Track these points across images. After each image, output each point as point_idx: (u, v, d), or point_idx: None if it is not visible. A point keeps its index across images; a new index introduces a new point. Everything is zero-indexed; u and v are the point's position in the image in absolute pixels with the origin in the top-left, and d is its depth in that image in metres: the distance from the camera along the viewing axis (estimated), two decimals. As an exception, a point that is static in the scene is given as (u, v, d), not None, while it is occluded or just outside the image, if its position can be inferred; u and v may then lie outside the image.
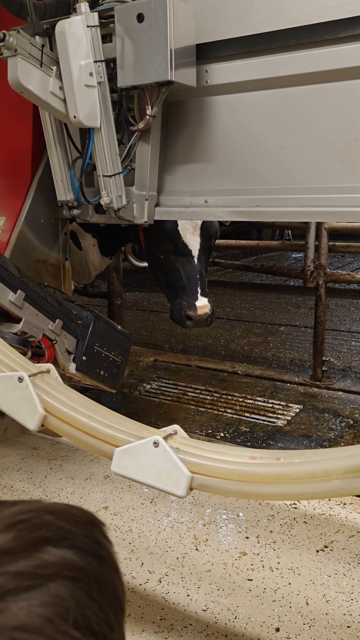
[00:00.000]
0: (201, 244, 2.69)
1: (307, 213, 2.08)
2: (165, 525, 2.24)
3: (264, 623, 1.73)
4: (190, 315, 2.63)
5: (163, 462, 1.21)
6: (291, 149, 2.05)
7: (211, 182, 2.26)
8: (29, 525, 0.50)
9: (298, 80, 1.97)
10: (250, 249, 7.47)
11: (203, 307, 2.62)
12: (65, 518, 0.52)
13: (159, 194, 2.37)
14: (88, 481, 2.57)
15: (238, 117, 2.14)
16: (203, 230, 2.69)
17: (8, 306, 1.88)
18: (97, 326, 2.25)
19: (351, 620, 1.73)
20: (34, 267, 2.54)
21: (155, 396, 3.55)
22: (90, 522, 0.55)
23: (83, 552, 0.50)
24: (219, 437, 2.95)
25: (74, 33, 1.99)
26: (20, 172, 2.54)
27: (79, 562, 0.49)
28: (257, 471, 1.14)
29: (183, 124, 2.27)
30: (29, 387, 1.38)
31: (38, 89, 1.98)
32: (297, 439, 2.93)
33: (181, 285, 2.69)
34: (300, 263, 7.14)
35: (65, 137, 2.32)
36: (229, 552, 2.07)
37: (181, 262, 2.67)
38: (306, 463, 1.10)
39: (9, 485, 2.54)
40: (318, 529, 2.20)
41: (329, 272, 3.68)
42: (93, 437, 1.32)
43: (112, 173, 2.17)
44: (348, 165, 1.95)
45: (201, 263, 2.69)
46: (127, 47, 1.99)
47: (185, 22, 1.96)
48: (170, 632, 1.71)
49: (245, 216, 2.20)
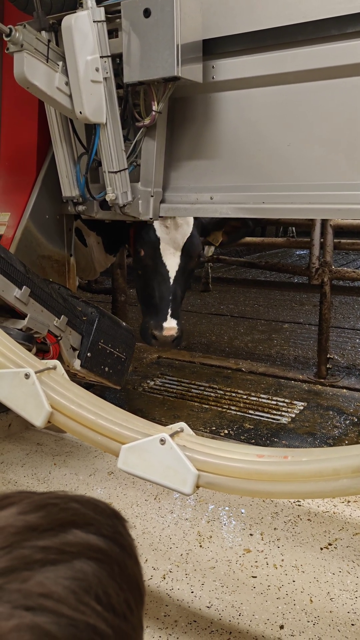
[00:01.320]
0: (180, 266, 2.67)
1: (313, 210, 2.08)
2: (169, 521, 2.24)
3: (268, 620, 1.73)
4: (156, 335, 2.65)
5: (170, 460, 1.21)
6: (297, 145, 2.04)
7: (217, 178, 2.25)
8: (57, 509, 0.52)
9: (305, 77, 1.96)
10: (255, 245, 7.45)
11: (170, 329, 2.63)
12: (91, 507, 0.55)
13: (165, 191, 2.36)
14: (92, 477, 2.58)
15: (244, 114, 2.13)
16: (185, 251, 2.68)
17: (13, 302, 1.88)
18: (102, 323, 2.24)
19: (355, 618, 1.73)
20: (39, 263, 2.54)
21: (159, 393, 3.55)
22: (114, 515, 0.57)
23: (106, 538, 0.52)
24: (223, 434, 2.95)
25: (80, 28, 1.98)
26: (26, 168, 2.53)
27: (102, 546, 0.51)
28: (264, 469, 1.14)
29: (189, 120, 2.26)
30: (36, 384, 1.37)
31: (44, 84, 1.97)
32: (301, 437, 2.93)
33: (153, 304, 2.70)
34: (304, 260, 7.13)
35: (71, 133, 2.32)
36: (233, 549, 2.07)
37: (157, 280, 2.67)
38: (314, 462, 1.09)
39: (13, 481, 2.55)
40: (322, 526, 2.19)
41: (334, 270, 3.67)
42: (100, 434, 1.32)
43: (117, 169, 2.16)
44: (354, 162, 1.94)
45: (178, 284, 2.68)
46: (133, 43, 1.98)
47: (192, 18, 1.95)
48: (174, 628, 1.71)
49: (251, 213, 2.20)
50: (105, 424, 1.32)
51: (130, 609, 0.50)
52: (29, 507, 0.51)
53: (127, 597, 0.51)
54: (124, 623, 0.49)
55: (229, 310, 5.93)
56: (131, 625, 0.50)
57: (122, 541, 0.55)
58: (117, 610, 0.49)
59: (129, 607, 0.51)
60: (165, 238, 2.66)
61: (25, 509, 0.51)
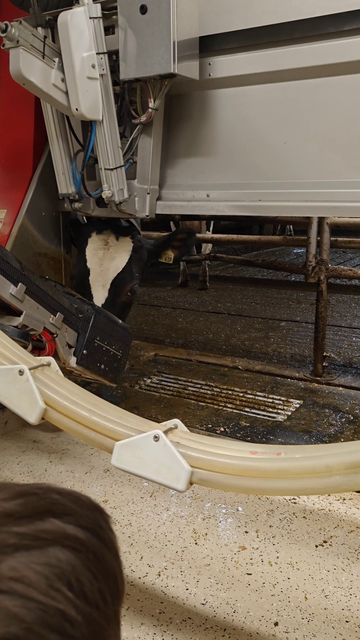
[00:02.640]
0: (108, 300, 2.56)
1: (310, 208, 2.08)
2: (165, 519, 2.24)
3: (262, 617, 1.73)
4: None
5: (163, 456, 1.21)
6: (294, 143, 2.04)
7: (213, 176, 2.25)
8: (36, 498, 0.52)
9: (301, 74, 1.96)
10: (252, 243, 7.46)
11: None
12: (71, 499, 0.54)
13: (161, 188, 2.36)
14: (88, 475, 2.58)
15: (241, 111, 2.13)
16: (114, 285, 2.55)
17: (9, 299, 1.88)
18: (98, 320, 2.24)
19: (350, 615, 1.74)
20: (35, 260, 2.54)
21: (156, 390, 3.55)
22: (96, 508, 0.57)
23: (84, 529, 0.52)
24: (219, 432, 2.95)
25: (76, 24, 1.97)
26: (22, 165, 2.53)
27: (79, 535, 0.51)
28: (257, 466, 1.14)
29: (185, 117, 2.26)
30: (30, 380, 1.37)
31: (40, 80, 1.97)
32: (297, 434, 2.93)
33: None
34: (301, 259, 7.13)
35: (67, 130, 2.31)
36: (228, 547, 2.07)
37: None
38: (307, 458, 1.09)
39: (9, 478, 2.54)
40: (317, 523, 2.20)
41: (330, 268, 3.67)
42: (93, 430, 1.32)
43: (113, 166, 2.16)
44: (351, 160, 1.94)
45: None
46: (129, 39, 1.98)
47: (188, 14, 1.95)
48: (169, 625, 1.71)
49: (247, 210, 2.20)
50: (99, 420, 1.32)
51: (104, 600, 0.50)
52: (8, 495, 0.52)
53: (102, 588, 0.51)
54: (96, 612, 0.49)
55: (226, 308, 5.93)
56: (104, 616, 0.50)
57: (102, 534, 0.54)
58: (90, 598, 0.48)
59: (103, 597, 0.50)
60: (96, 270, 2.55)
61: (4, 496, 0.51)
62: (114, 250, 2.56)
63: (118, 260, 2.56)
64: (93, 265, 2.54)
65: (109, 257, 2.55)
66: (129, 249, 2.57)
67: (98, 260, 2.55)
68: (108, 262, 2.55)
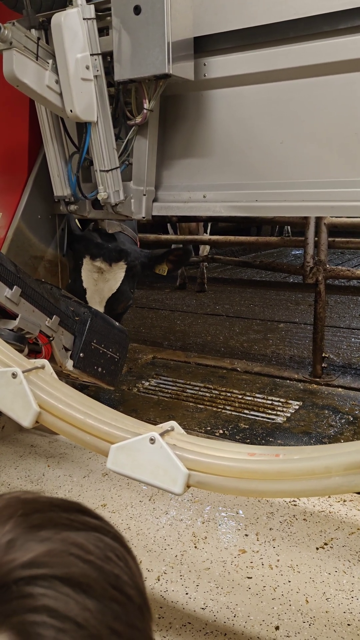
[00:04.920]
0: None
1: (307, 208, 2.06)
2: (164, 522, 2.22)
3: (263, 621, 1.71)
4: None
5: (159, 459, 1.19)
6: (290, 143, 2.03)
7: (209, 176, 2.24)
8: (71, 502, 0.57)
9: (297, 73, 1.95)
10: (250, 245, 7.45)
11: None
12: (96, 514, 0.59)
13: (157, 189, 2.35)
14: (86, 479, 2.56)
15: (236, 111, 2.12)
16: (109, 304, 2.65)
17: (4, 302, 1.86)
18: (95, 323, 2.22)
19: (351, 618, 1.72)
20: (31, 263, 2.53)
21: (154, 393, 3.54)
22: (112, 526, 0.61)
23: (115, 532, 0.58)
24: (218, 434, 2.93)
25: (70, 26, 1.96)
26: (17, 168, 2.51)
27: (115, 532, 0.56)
28: (256, 468, 1.12)
29: (181, 118, 2.25)
30: (23, 383, 1.36)
31: (34, 82, 1.96)
32: (297, 436, 2.92)
33: None
34: (299, 259, 7.12)
35: (62, 132, 2.30)
36: (228, 550, 2.05)
37: None
38: (306, 459, 1.08)
39: (6, 483, 2.53)
40: (318, 526, 2.18)
41: (328, 269, 3.66)
42: (88, 433, 1.30)
43: (109, 168, 2.15)
44: (348, 159, 1.93)
45: None
46: (123, 40, 1.97)
47: (182, 15, 1.94)
48: (168, 630, 1.69)
49: (244, 211, 2.18)
50: (94, 423, 1.30)
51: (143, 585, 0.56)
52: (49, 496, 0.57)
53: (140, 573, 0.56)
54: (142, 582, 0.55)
55: (224, 310, 5.92)
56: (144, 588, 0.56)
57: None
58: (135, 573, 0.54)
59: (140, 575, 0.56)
60: (92, 289, 2.64)
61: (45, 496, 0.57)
62: (108, 275, 2.65)
63: (112, 282, 2.66)
64: (89, 285, 2.65)
65: (103, 279, 2.65)
66: (122, 272, 2.67)
67: (93, 281, 2.65)
68: (102, 283, 2.66)
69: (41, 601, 0.45)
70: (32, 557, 0.47)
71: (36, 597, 0.45)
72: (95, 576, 0.49)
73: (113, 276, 2.65)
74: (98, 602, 0.47)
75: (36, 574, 0.46)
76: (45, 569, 0.46)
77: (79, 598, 0.46)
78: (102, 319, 2.29)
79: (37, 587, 0.45)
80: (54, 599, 0.45)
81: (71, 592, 0.46)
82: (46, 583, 0.46)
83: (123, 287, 2.67)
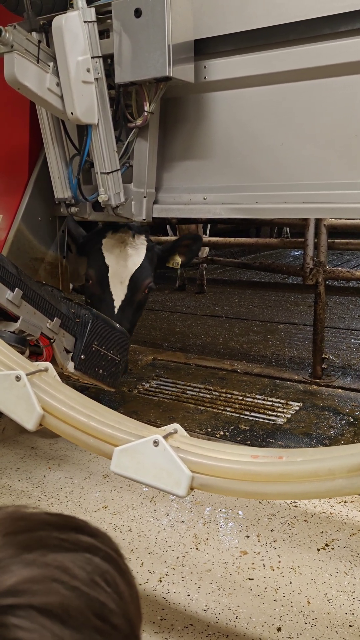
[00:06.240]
0: (127, 296, 2.59)
1: (307, 209, 2.07)
2: (165, 524, 2.22)
3: (265, 623, 1.71)
4: None
5: (163, 462, 1.19)
6: (290, 145, 2.03)
7: (210, 179, 2.24)
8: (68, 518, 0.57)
9: (297, 76, 1.96)
10: (249, 246, 7.46)
11: None
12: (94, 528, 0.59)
13: (158, 191, 2.35)
14: (87, 480, 2.56)
15: (237, 114, 2.12)
16: (132, 281, 2.59)
17: (5, 304, 1.86)
18: (96, 324, 2.23)
19: (353, 620, 1.72)
20: (32, 265, 2.53)
21: (155, 395, 3.54)
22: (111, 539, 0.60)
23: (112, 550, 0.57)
24: (219, 436, 2.94)
25: (71, 28, 1.97)
26: (18, 170, 2.52)
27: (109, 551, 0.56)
28: (259, 470, 1.12)
29: (181, 120, 2.26)
30: (27, 386, 1.36)
31: (35, 85, 1.96)
32: (297, 437, 2.92)
33: None
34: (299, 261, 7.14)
35: (63, 134, 2.30)
36: (229, 552, 2.05)
37: (103, 310, 2.48)
38: (309, 462, 1.08)
39: (8, 485, 2.52)
40: (319, 527, 2.18)
41: (328, 270, 3.66)
42: (92, 436, 1.31)
43: (110, 170, 2.15)
44: (348, 161, 1.94)
45: (123, 315, 2.58)
46: (124, 43, 1.97)
47: (183, 17, 1.95)
48: (170, 632, 1.70)
49: (244, 213, 2.19)
50: (98, 426, 1.30)
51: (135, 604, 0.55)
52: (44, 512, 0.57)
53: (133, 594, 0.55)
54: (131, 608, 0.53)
55: (224, 311, 5.92)
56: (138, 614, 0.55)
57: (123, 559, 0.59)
58: (124, 597, 0.53)
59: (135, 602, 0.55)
60: (115, 267, 2.59)
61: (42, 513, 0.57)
62: (131, 247, 2.61)
63: (136, 257, 2.62)
64: (111, 262, 2.59)
65: (126, 254, 2.60)
66: (144, 246, 2.64)
67: (115, 257, 2.60)
68: (126, 258, 2.60)
69: (14, 633, 0.44)
70: (12, 584, 0.46)
71: (10, 628, 0.44)
72: (77, 604, 0.48)
73: (136, 250, 2.62)
74: (77, 633, 0.46)
75: (14, 602, 0.45)
76: (24, 598, 0.46)
77: (56, 629, 0.45)
78: (103, 320, 2.29)
79: (13, 617, 0.45)
80: (28, 631, 0.44)
81: (47, 623, 0.45)
82: (23, 613, 0.45)
83: (145, 263, 2.63)
